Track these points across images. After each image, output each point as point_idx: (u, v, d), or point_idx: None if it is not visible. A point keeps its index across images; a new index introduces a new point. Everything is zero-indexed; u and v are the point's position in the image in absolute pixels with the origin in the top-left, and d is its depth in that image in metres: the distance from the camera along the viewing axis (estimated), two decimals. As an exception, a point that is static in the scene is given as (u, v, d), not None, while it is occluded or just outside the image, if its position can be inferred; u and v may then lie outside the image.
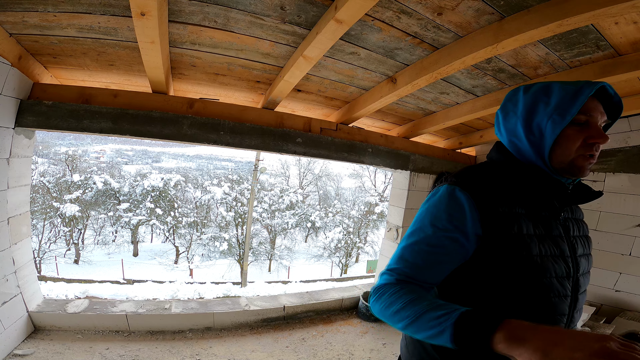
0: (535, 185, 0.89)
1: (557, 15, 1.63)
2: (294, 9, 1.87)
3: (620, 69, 2.15)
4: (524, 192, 0.90)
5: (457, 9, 1.79)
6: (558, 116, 0.82)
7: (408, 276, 0.84)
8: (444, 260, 0.85)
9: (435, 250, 0.85)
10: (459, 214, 0.85)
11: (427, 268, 0.85)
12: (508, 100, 0.96)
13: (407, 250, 0.88)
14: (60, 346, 2.64)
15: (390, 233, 4.42)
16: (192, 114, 2.90)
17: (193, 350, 2.85)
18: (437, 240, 0.85)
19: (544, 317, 0.84)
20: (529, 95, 0.89)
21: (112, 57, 2.47)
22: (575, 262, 0.92)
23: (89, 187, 18.75)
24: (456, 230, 0.84)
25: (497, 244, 0.83)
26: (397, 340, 3.39)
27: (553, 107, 0.84)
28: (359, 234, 22.28)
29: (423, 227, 0.88)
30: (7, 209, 2.45)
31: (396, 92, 2.66)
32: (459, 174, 0.94)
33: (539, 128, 0.86)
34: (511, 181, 0.91)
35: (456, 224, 0.84)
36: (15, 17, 1.96)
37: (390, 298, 0.80)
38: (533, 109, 0.87)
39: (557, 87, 0.86)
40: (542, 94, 0.87)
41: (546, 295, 0.84)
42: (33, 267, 2.82)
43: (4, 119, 2.34)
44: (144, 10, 1.60)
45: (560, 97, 0.83)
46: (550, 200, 0.91)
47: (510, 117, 0.93)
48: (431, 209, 0.89)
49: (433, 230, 0.85)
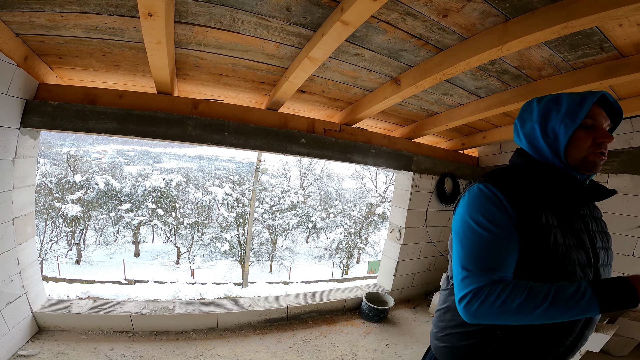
0: (555, 180, 1.02)
1: (562, 18, 1.64)
2: (300, 11, 1.88)
3: (623, 70, 2.16)
4: (546, 188, 1.02)
5: (463, 11, 1.79)
6: (569, 120, 0.98)
7: (491, 273, 0.92)
8: (509, 248, 0.94)
9: (499, 241, 0.94)
10: (498, 205, 0.97)
11: (500, 260, 0.94)
12: (524, 110, 1.12)
13: (473, 249, 0.96)
14: (64, 347, 2.64)
15: (393, 234, 4.43)
16: (197, 114, 2.91)
17: (197, 351, 2.85)
18: (495, 232, 0.95)
19: None
20: (542, 105, 1.06)
21: (117, 57, 2.48)
22: (595, 253, 1.03)
23: (91, 188, 18.75)
24: (503, 218, 0.95)
25: (528, 234, 0.94)
26: (400, 341, 3.40)
27: (564, 113, 0.99)
28: (360, 234, 22.25)
29: (474, 225, 0.98)
30: (12, 209, 2.45)
31: (400, 94, 2.67)
32: (487, 175, 1.08)
33: (553, 131, 1.01)
34: (534, 180, 1.04)
35: (500, 214, 0.96)
36: (22, 17, 1.97)
37: (501, 296, 0.86)
38: (547, 115, 1.03)
39: (565, 96, 1.02)
40: (552, 103, 1.03)
41: (571, 282, 0.91)
42: (37, 268, 2.82)
43: (10, 119, 2.35)
44: (152, 11, 1.61)
45: (568, 105, 0.99)
46: (570, 195, 1.03)
47: (527, 124, 1.09)
48: (472, 208, 1.01)
49: (485, 224, 0.96)
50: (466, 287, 0.93)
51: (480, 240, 0.95)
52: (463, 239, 0.99)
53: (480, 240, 0.95)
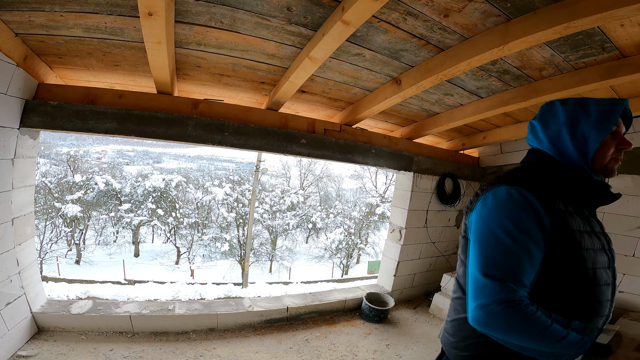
0: (582, 184, 1.03)
1: (564, 18, 1.63)
2: (301, 10, 1.87)
3: (624, 70, 2.16)
4: (572, 191, 1.03)
5: (464, 10, 1.79)
6: (602, 126, 0.99)
7: (513, 284, 0.90)
8: (533, 258, 0.94)
9: (525, 251, 0.93)
10: (530, 212, 0.94)
11: (523, 271, 0.93)
12: (546, 112, 1.11)
13: (497, 256, 0.94)
14: (64, 347, 2.63)
15: (393, 234, 4.42)
16: (197, 114, 2.90)
17: (197, 352, 2.84)
18: (522, 240, 0.93)
19: (596, 304, 0.99)
20: (568, 108, 1.05)
21: (117, 57, 2.47)
22: (612, 254, 1.07)
23: (91, 188, 18.76)
24: (533, 226, 0.94)
25: (559, 239, 0.95)
26: (400, 342, 3.40)
27: (595, 119, 1.00)
28: (360, 235, 22.25)
29: (500, 231, 0.95)
30: (12, 209, 2.44)
31: (401, 94, 2.66)
32: (513, 177, 1.05)
33: (583, 135, 1.01)
34: (558, 182, 1.04)
35: (531, 221, 0.94)
36: (22, 17, 1.97)
37: (521, 319, 0.88)
38: (575, 118, 1.03)
39: (593, 101, 1.03)
40: (580, 107, 1.04)
41: (598, 284, 0.98)
42: (37, 268, 2.82)
43: (9, 119, 2.34)
44: (152, 11, 1.60)
45: (599, 111, 1.00)
46: (593, 198, 1.05)
47: (552, 126, 1.08)
48: (500, 213, 0.97)
49: (512, 231, 0.94)
50: (487, 296, 0.91)
51: (506, 248, 0.93)
52: (485, 245, 0.97)
53: (506, 248, 0.93)
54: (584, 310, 0.98)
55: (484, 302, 0.91)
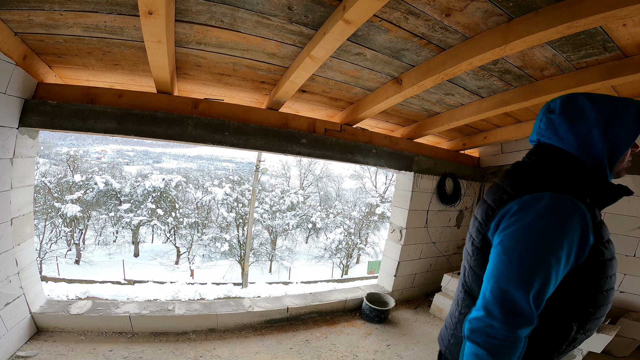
0: (610, 190, 0.98)
1: (566, 17, 1.62)
2: (302, 9, 1.86)
3: (626, 70, 2.15)
4: (598, 196, 0.97)
5: (466, 10, 1.78)
6: (636, 131, 0.93)
7: (531, 318, 0.86)
8: (560, 277, 0.90)
9: (561, 274, 0.89)
10: (583, 228, 0.88)
11: (547, 295, 0.88)
12: (568, 108, 1.00)
13: (532, 274, 0.86)
14: (63, 348, 2.62)
15: (393, 234, 4.41)
16: (197, 114, 2.89)
17: (197, 352, 2.83)
18: (564, 262, 0.87)
19: (605, 306, 0.99)
20: (599, 106, 0.95)
21: (117, 56, 2.46)
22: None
23: (90, 188, 18.74)
24: (580, 245, 0.89)
25: (597, 251, 0.92)
26: (401, 342, 3.39)
27: (630, 123, 0.92)
28: (360, 235, 22.24)
29: (542, 251, 0.87)
30: (11, 209, 2.43)
31: (402, 93, 2.65)
32: (552, 182, 0.94)
33: (614, 138, 0.94)
34: (588, 187, 0.96)
35: (581, 238, 0.88)
36: (21, 16, 1.96)
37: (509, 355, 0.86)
38: (609, 120, 0.94)
39: (622, 102, 0.94)
40: (611, 106, 0.94)
41: (612, 288, 0.99)
42: (36, 268, 2.81)
43: (8, 118, 2.33)
44: (152, 9, 1.59)
45: (633, 115, 0.92)
46: (609, 202, 1.00)
47: (581, 124, 0.97)
48: (547, 228, 0.88)
49: (557, 252, 0.86)
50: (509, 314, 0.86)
51: (544, 268, 0.86)
52: (519, 260, 0.88)
53: (544, 268, 0.86)
54: (595, 313, 0.98)
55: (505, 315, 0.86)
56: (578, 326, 0.98)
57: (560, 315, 0.96)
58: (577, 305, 0.96)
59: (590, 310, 0.97)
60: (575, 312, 0.96)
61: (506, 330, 0.85)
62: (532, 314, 0.85)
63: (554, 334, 0.97)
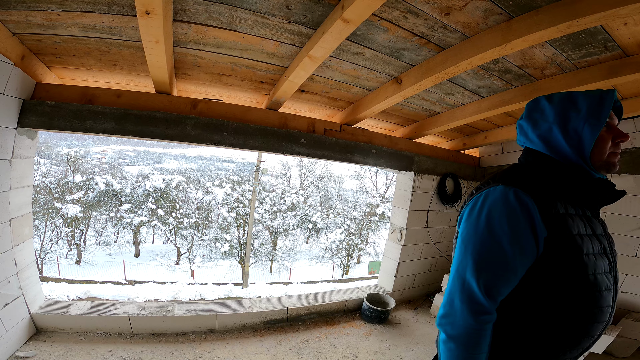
0: (583, 183, 0.97)
1: (567, 16, 1.61)
2: (300, 9, 1.85)
3: (627, 69, 2.14)
4: (571, 191, 0.98)
5: (465, 9, 1.77)
6: (595, 120, 0.92)
7: (488, 307, 0.91)
8: (517, 269, 0.91)
9: (512, 261, 0.90)
10: (526, 217, 0.90)
11: (505, 283, 0.92)
12: (532, 110, 1.05)
13: (482, 263, 0.92)
14: (62, 348, 2.62)
15: (393, 235, 4.40)
16: (196, 114, 2.88)
17: (196, 353, 2.82)
18: (512, 252, 0.90)
19: (595, 310, 0.94)
20: (555, 104, 0.99)
21: (115, 56, 2.45)
22: (614, 257, 1.02)
23: (91, 188, 18.75)
24: (526, 234, 0.90)
25: (558, 245, 0.90)
26: (401, 343, 3.37)
27: (586, 113, 0.93)
28: (361, 235, 22.25)
29: (488, 235, 0.92)
30: (9, 210, 2.43)
31: (401, 93, 2.64)
32: (509, 176, 0.99)
33: (576, 132, 0.95)
34: (558, 182, 0.98)
35: (525, 228, 0.90)
36: (19, 16, 1.95)
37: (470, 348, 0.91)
38: (565, 115, 0.97)
39: (580, 95, 0.96)
40: (568, 102, 0.97)
41: (599, 290, 0.94)
42: (35, 269, 2.80)
43: (7, 119, 2.32)
44: (149, 9, 1.58)
45: (588, 104, 0.94)
46: (597, 198, 0.99)
47: (542, 124, 1.01)
48: (493, 216, 0.93)
49: (502, 238, 0.90)
50: (467, 301, 0.92)
51: (494, 256, 0.91)
52: (472, 249, 0.94)
53: (494, 256, 0.91)
54: (584, 317, 0.94)
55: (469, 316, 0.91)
56: (575, 329, 0.95)
57: (560, 318, 0.94)
58: (574, 306, 0.93)
59: (590, 312, 0.94)
60: (574, 314, 0.94)
61: (466, 318, 0.91)
62: (485, 301, 0.90)
63: (555, 335, 0.95)
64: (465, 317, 0.91)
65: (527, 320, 0.95)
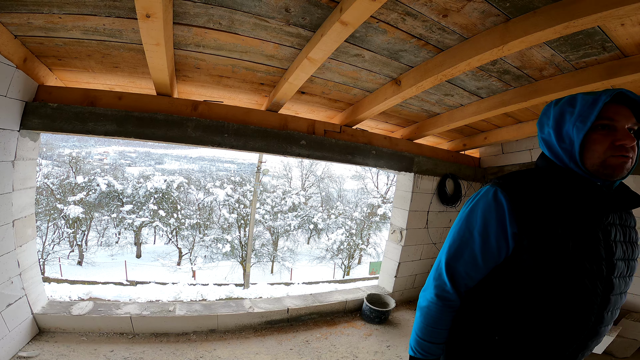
0: (572, 187, 0.97)
1: (564, 17, 1.62)
2: (299, 11, 1.86)
3: (626, 70, 2.14)
4: (564, 195, 0.97)
5: (463, 10, 1.78)
6: (580, 123, 0.91)
7: (449, 289, 1.04)
8: (487, 260, 1.00)
9: (479, 251, 0.99)
10: (498, 213, 0.97)
11: (469, 272, 1.02)
12: (543, 114, 1.06)
13: (456, 247, 1.03)
14: (64, 348, 2.64)
15: (394, 235, 4.41)
16: (197, 116, 2.90)
17: (197, 353, 2.84)
18: (479, 241, 0.99)
19: (571, 315, 0.92)
20: (557, 107, 0.99)
21: (116, 59, 2.48)
22: (611, 264, 0.96)
23: (93, 189, 18.81)
24: (494, 229, 0.97)
25: (533, 243, 0.93)
26: (402, 343, 3.38)
27: (576, 115, 0.93)
28: (362, 235, 22.23)
29: (465, 225, 1.02)
30: (12, 211, 2.44)
31: (400, 94, 2.66)
32: (503, 177, 1.05)
33: (568, 135, 0.95)
34: (553, 185, 0.99)
35: (495, 223, 0.97)
36: (21, 19, 1.97)
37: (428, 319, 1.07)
38: (561, 118, 0.97)
39: (580, 97, 0.95)
40: (567, 105, 0.97)
41: (574, 294, 0.91)
42: (38, 269, 2.82)
43: (9, 121, 2.34)
44: (149, 12, 1.60)
45: (581, 106, 0.93)
46: (588, 202, 0.96)
47: (545, 128, 1.03)
48: (475, 207, 1.02)
49: (475, 230, 1.00)
50: (436, 278, 1.07)
51: (464, 243, 1.02)
52: (451, 235, 1.06)
53: (464, 243, 1.02)
54: (550, 319, 0.93)
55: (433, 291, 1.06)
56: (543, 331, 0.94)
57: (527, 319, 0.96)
58: (567, 309, 0.92)
59: (560, 317, 0.92)
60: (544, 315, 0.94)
61: (432, 294, 1.06)
62: (449, 283, 1.03)
63: (551, 335, 0.95)
64: (431, 293, 1.06)
65: (498, 313, 1.00)
